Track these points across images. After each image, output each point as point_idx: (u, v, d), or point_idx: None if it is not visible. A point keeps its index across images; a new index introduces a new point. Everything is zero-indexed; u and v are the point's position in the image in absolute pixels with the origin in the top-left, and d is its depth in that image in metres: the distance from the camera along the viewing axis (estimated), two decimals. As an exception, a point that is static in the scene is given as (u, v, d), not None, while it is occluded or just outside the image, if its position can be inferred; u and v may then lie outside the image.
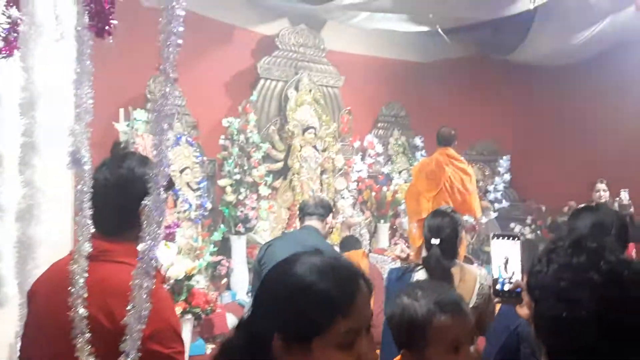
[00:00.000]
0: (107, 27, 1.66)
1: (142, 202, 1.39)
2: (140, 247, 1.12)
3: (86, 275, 1.22)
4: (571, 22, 6.15)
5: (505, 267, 1.76)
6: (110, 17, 1.63)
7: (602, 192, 5.80)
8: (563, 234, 1.23)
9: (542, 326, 1.12)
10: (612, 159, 6.64)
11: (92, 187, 1.33)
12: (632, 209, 4.98)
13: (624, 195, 5.04)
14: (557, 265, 1.10)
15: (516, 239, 1.81)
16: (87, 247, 1.22)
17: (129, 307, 1.11)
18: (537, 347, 1.15)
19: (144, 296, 1.09)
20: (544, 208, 7.63)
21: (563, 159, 7.46)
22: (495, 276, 1.76)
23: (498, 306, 2.95)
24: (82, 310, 1.19)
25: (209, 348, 4.62)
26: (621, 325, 1.02)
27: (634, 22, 5.24)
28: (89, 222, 1.23)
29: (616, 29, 6.10)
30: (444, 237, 2.70)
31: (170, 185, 1.38)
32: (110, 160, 1.46)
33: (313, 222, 3.37)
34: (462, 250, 5.21)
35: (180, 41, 1.15)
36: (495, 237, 1.81)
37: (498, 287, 1.75)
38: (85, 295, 1.21)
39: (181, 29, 1.16)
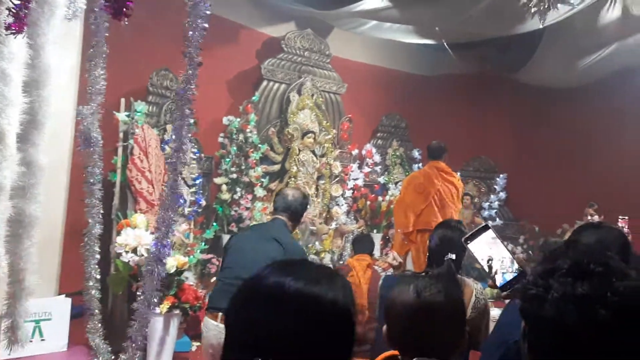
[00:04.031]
0: (124, 9, 1.62)
1: None
2: (155, 233, 1.08)
3: (97, 257, 1.18)
4: (579, 45, 6.17)
5: (490, 261, 1.67)
6: (127, -2, 1.60)
7: (590, 217, 5.81)
8: (561, 248, 1.12)
9: (538, 358, 1.04)
10: (608, 183, 6.66)
11: None
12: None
13: (620, 224, 5.04)
14: (558, 295, 0.97)
15: (485, 229, 1.70)
16: (98, 229, 1.18)
17: (139, 293, 1.08)
18: None
19: (155, 282, 1.05)
20: (537, 228, 7.63)
21: (559, 180, 7.48)
22: (489, 270, 1.65)
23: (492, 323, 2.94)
24: (94, 292, 1.15)
25: (195, 345, 4.56)
26: None
27: (639, 49, 5.26)
28: (98, 202, 1.20)
29: (621, 56, 6.13)
30: (457, 252, 2.67)
31: None
32: None
33: (284, 216, 3.25)
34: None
35: (206, 25, 1.13)
36: (468, 241, 1.71)
37: (500, 282, 1.64)
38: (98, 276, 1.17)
39: (208, 12, 1.13)
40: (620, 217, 5.12)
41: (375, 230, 7.24)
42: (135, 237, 3.70)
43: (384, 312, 1.63)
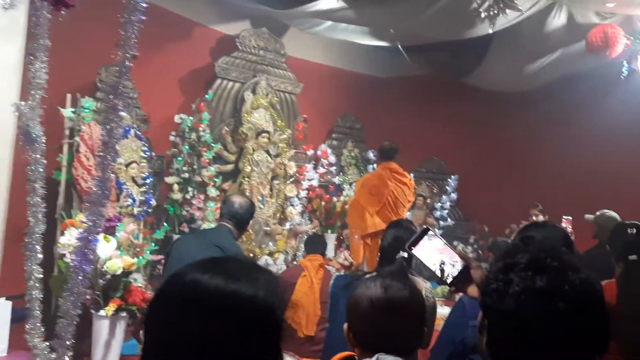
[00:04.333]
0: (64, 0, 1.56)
1: None
2: (82, 228, 1.04)
3: (40, 257, 1.13)
4: (526, 51, 6.36)
5: (442, 264, 1.67)
6: (69, -13, 1.54)
7: (534, 218, 6.00)
8: (518, 244, 1.15)
9: (497, 351, 1.06)
10: (554, 186, 6.89)
11: None
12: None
13: (564, 224, 5.21)
14: (518, 289, 1.01)
15: (425, 232, 1.69)
16: (41, 229, 1.13)
17: (65, 292, 1.03)
18: None
19: (80, 279, 1.01)
20: (486, 228, 7.82)
21: (508, 182, 7.69)
22: (441, 274, 1.64)
23: (440, 322, 2.98)
24: (36, 293, 1.10)
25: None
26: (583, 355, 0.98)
27: (583, 57, 5.47)
28: (41, 201, 1.14)
29: (566, 62, 6.36)
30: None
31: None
32: None
33: (229, 224, 3.21)
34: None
35: (143, 17, 1.09)
36: (412, 247, 1.69)
37: (449, 279, 1.63)
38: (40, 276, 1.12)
39: (145, 4, 1.09)
40: (563, 217, 5.29)
41: (329, 231, 7.25)
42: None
43: (347, 310, 1.62)
